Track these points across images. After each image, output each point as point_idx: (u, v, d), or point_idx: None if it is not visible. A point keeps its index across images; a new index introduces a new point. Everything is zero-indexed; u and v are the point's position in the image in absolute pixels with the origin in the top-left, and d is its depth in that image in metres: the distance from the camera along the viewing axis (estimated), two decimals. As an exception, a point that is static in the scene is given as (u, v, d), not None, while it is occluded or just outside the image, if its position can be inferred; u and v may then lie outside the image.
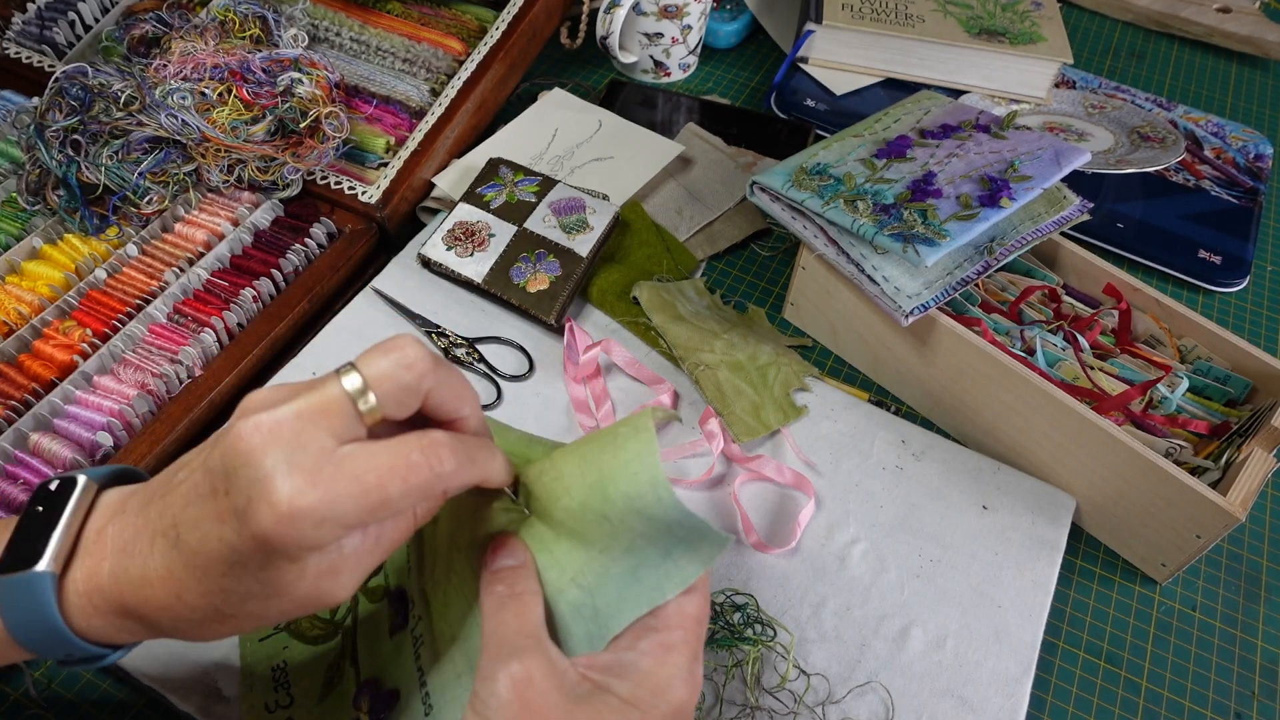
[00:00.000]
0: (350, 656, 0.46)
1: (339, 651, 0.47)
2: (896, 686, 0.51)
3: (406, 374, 0.33)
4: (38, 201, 0.66)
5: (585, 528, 0.36)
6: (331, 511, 0.31)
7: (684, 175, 0.80)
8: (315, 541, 0.32)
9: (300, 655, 0.48)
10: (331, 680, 0.46)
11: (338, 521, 0.31)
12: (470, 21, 0.83)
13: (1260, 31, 1.03)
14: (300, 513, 0.30)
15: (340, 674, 0.46)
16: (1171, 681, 0.56)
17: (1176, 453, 0.57)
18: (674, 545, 0.36)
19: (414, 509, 0.36)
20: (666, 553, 0.36)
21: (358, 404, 0.32)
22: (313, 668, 0.47)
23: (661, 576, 0.36)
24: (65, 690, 0.50)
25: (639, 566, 0.36)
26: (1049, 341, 0.63)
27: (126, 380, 0.58)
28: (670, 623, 0.36)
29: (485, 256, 0.67)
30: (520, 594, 0.36)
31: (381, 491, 0.31)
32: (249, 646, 0.49)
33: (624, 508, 0.35)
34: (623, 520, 0.35)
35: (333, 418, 0.32)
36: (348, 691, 0.45)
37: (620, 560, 0.36)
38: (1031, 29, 0.90)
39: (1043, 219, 0.64)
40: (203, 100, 0.66)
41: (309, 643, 0.48)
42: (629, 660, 0.36)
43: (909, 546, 0.57)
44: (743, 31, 0.98)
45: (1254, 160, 0.88)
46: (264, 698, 0.47)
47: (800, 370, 0.66)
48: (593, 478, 0.35)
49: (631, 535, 0.35)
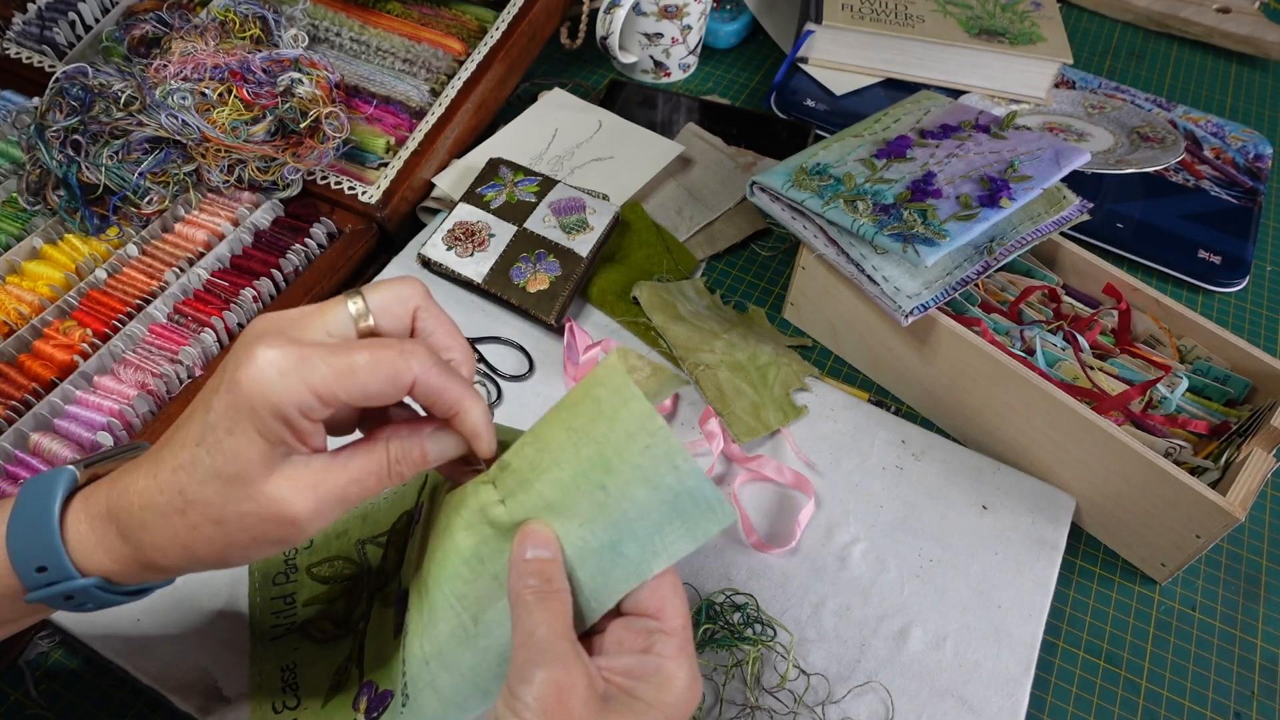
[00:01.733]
0: (357, 659, 0.46)
1: (348, 654, 0.47)
2: (896, 686, 0.52)
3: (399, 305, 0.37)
4: (38, 201, 0.66)
5: (574, 500, 0.36)
6: (301, 368, 0.33)
7: (684, 175, 0.80)
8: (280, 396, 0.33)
9: (309, 657, 0.48)
10: (338, 683, 0.46)
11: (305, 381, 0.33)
12: (470, 22, 0.83)
13: (1260, 32, 1.03)
14: (271, 362, 0.33)
15: (346, 676, 0.46)
16: (1171, 681, 0.56)
17: (1176, 453, 0.57)
18: (670, 519, 0.35)
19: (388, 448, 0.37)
20: (658, 527, 0.36)
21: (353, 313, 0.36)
22: (321, 670, 0.47)
23: (649, 553, 0.36)
24: (65, 690, 0.50)
25: (621, 541, 0.36)
26: (1049, 341, 0.63)
27: (127, 380, 0.58)
28: (678, 624, 0.37)
29: (485, 256, 0.67)
30: (556, 591, 0.36)
31: (351, 363, 0.33)
32: (260, 647, 0.49)
33: (629, 477, 0.35)
34: (622, 491, 0.35)
35: (329, 319, 0.35)
36: (350, 693, 0.45)
37: (601, 533, 0.36)
38: (1031, 29, 0.90)
39: (1042, 219, 0.64)
40: (203, 100, 0.66)
41: (319, 644, 0.48)
42: (651, 664, 0.36)
43: (909, 546, 0.57)
44: (743, 32, 0.98)
45: (1253, 160, 0.88)
46: (271, 698, 0.47)
47: (800, 370, 0.66)
48: (589, 450, 0.35)
49: (625, 508, 0.35)
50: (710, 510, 0.35)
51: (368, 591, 0.49)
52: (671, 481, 0.35)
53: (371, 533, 0.50)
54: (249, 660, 0.49)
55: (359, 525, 0.51)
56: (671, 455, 0.34)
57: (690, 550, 0.36)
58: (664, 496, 0.35)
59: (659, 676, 0.36)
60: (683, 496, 0.35)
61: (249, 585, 0.50)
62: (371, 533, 0.50)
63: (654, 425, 0.35)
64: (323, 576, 0.50)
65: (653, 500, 0.35)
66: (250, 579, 0.51)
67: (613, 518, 0.36)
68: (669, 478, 0.35)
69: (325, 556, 0.51)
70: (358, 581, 0.49)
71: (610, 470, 0.35)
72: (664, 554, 0.36)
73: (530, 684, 0.34)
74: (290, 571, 0.51)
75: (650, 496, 0.35)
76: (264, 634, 0.49)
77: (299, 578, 0.50)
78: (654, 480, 0.35)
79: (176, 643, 0.50)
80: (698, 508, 0.35)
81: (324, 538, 0.51)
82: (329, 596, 0.50)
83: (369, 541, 0.50)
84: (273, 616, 0.49)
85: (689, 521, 0.36)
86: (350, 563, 0.50)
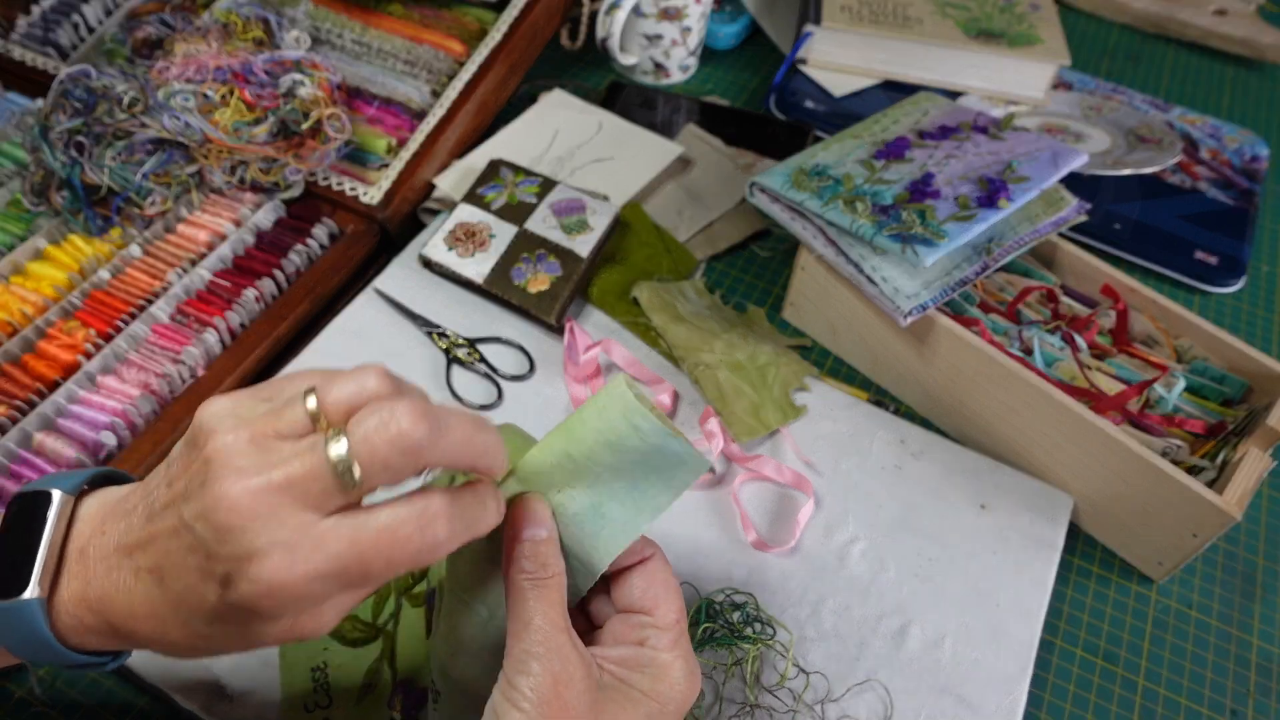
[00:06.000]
0: (389, 659, 0.46)
1: (379, 654, 0.47)
2: (895, 685, 0.52)
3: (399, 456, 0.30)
4: (42, 202, 0.66)
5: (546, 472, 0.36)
6: (310, 589, 0.30)
7: (684, 176, 0.80)
8: (295, 610, 0.32)
9: (340, 657, 0.48)
10: (371, 683, 0.46)
11: (317, 597, 0.31)
12: (471, 23, 0.83)
13: (1256, 34, 1.04)
14: (280, 589, 0.30)
15: (379, 676, 0.46)
16: (1168, 679, 0.56)
17: (1173, 452, 0.58)
18: (645, 474, 0.35)
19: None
20: (634, 484, 0.35)
21: (342, 478, 0.30)
22: (352, 670, 0.47)
23: (631, 510, 0.36)
24: (69, 689, 0.51)
25: (602, 503, 0.36)
26: (1047, 341, 0.64)
27: (130, 380, 0.59)
28: (671, 620, 0.37)
29: (486, 257, 0.68)
30: (552, 577, 0.36)
31: (363, 567, 0.31)
32: (289, 646, 0.49)
33: (593, 442, 0.34)
34: (589, 455, 0.35)
35: (315, 492, 0.30)
36: (384, 693, 0.45)
37: (580, 498, 0.36)
38: (1029, 31, 0.91)
39: (1040, 220, 0.64)
40: (205, 102, 0.66)
41: (349, 645, 0.48)
42: (646, 655, 0.36)
43: (908, 546, 0.58)
44: (742, 33, 0.98)
45: (1250, 161, 0.89)
46: (303, 697, 0.47)
47: (800, 370, 0.66)
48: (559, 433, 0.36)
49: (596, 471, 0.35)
50: (682, 462, 0.35)
51: (396, 591, 0.49)
52: (635, 442, 0.34)
53: None
54: (278, 660, 0.49)
55: None
56: (629, 415, 0.34)
57: (672, 500, 0.36)
58: (631, 457, 0.35)
59: (654, 667, 0.36)
60: (652, 454, 0.35)
61: None
62: None
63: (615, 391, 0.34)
64: None
65: (622, 462, 0.35)
66: None
67: (586, 480, 0.36)
68: (631, 439, 0.34)
69: None
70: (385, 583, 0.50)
71: (573, 439, 0.35)
72: (647, 508, 0.36)
73: (528, 675, 0.34)
74: None
75: (619, 458, 0.35)
76: None
77: None
78: (616, 443, 0.34)
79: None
80: (669, 461, 0.35)
81: None
82: None
83: None
84: None
85: (664, 475, 0.36)
86: None
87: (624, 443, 0.34)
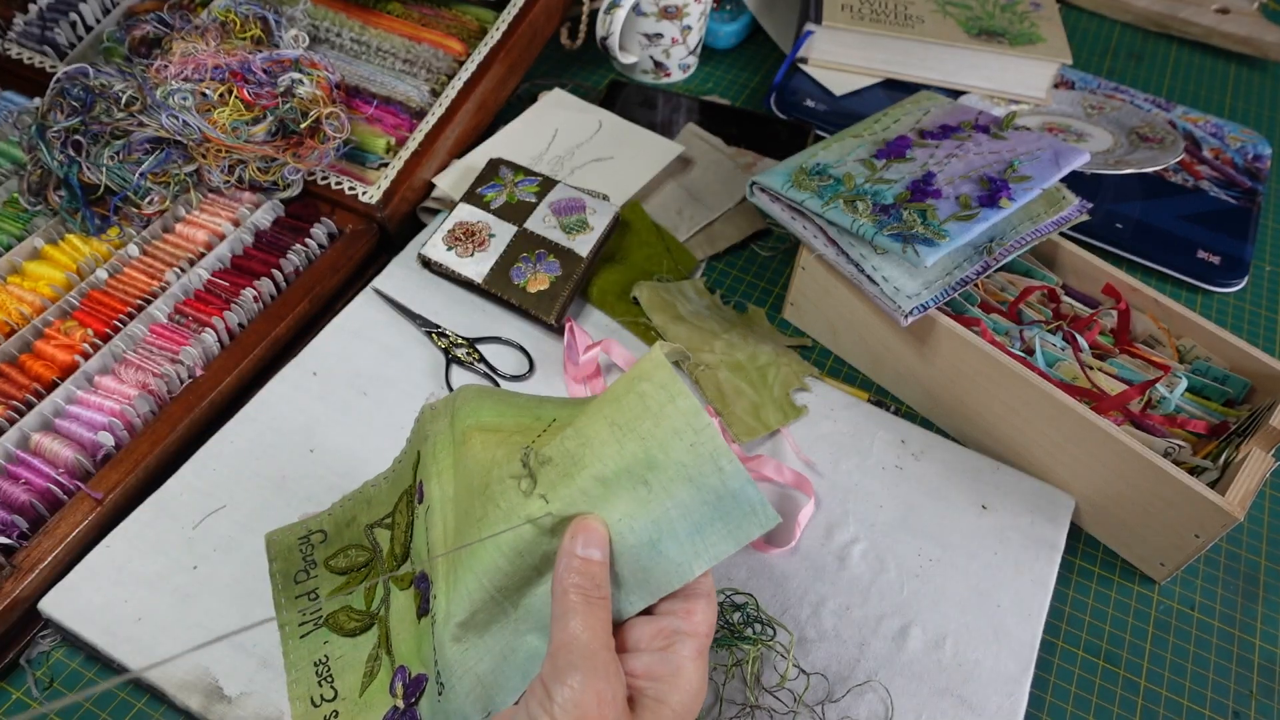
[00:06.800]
0: (385, 645, 0.47)
1: (376, 642, 0.47)
2: (896, 686, 0.52)
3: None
4: (39, 202, 0.66)
5: (615, 495, 0.35)
6: None
7: (684, 175, 0.80)
8: None
9: (340, 649, 0.48)
10: (372, 670, 0.47)
11: None
12: (470, 22, 0.83)
13: (1258, 32, 1.03)
14: None
15: (378, 664, 0.46)
16: (1170, 680, 0.56)
17: (1175, 452, 0.57)
18: (712, 520, 0.35)
19: None
20: (699, 528, 0.35)
21: None
22: (353, 661, 0.48)
23: (689, 554, 0.36)
24: (67, 689, 0.50)
25: (661, 540, 0.36)
26: (1048, 341, 0.63)
27: (128, 380, 0.58)
28: (703, 629, 0.37)
29: (485, 257, 0.67)
30: (604, 597, 0.36)
31: None
32: (291, 644, 0.49)
33: (673, 475, 0.34)
34: (665, 488, 0.35)
35: None
36: (385, 680, 0.45)
37: (640, 530, 0.35)
38: (1030, 29, 0.90)
39: (1042, 219, 0.64)
40: (204, 101, 0.66)
41: (347, 635, 0.49)
42: (670, 663, 0.36)
43: (908, 546, 0.57)
44: (742, 32, 0.98)
45: (1252, 161, 0.89)
46: (309, 692, 0.47)
47: (800, 370, 0.66)
48: (633, 446, 0.35)
49: (666, 505, 0.35)
50: (753, 512, 0.35)
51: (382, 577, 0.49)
52: (715, 482, 0.34)
53: (377, 516, 0.50)
54: (280, 661, 0.49)
55: (365, 510, 0.51)
56: (717, 455, 0.34)
57: (732, 552, 0.36)
58: (706, 497, 0.35)
59: (677, 677, 0.36)
60: (726, 498, 0.35)
61: (272, 587, 0.51)
62: (377, 516, 0.50)
63: (700, 423, 0.34)
64: (339, 568, 0.50)
65: (695, 499, 0.35)
66: (272, 581, 0.51)
67: (654, 515, 0.35)
68: (713, 478, 0.34)
69: (339, 547, 0.51)
70: (372, 568, 0.50)
71: (654, 466, 0.35)
72: (705, 555, 0.36)
73: (566, 686, 0.34)
74: (310, 567, 0.51)
75: (693, 495, 0.35)
76: (293, 632, 0.49)
77: (319, 572, 0.51)
78: (698, 479, 0.34)
79: (178, 642, 0.50)
80: (740, 509, 0.35)
81: (336, 527, 0.51)
82: (348, 588, 0.50)
83: (377, 525, 0.50)
84: (299, 614, 0.50)
85: (731, 523, 0.35)
86: (363, 549, 0.50)
87: (704, 480, 0.34)
